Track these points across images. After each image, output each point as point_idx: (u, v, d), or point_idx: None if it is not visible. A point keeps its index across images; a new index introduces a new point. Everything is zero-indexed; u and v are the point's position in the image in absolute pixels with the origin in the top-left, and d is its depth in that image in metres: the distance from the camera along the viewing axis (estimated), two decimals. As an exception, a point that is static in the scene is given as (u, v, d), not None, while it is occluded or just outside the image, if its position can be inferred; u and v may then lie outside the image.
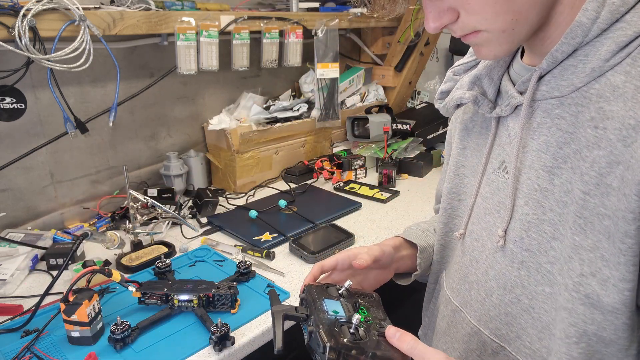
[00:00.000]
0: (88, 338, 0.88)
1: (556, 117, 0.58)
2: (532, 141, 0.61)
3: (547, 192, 0.59)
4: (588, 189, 0.54)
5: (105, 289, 1.05)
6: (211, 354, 0.87)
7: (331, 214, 1.42)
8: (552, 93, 0.58)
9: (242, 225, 1.36)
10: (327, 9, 1.75)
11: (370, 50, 2.06)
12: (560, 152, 0.58)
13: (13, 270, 1.11)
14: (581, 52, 0.55)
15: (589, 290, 0.55)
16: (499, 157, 0.68)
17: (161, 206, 1.31)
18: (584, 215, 0.54)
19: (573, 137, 0.56)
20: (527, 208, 0.61)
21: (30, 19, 1.04)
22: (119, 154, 1.49)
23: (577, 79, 0.55)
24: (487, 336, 0.69)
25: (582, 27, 0.54)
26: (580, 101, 0.56)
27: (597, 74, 0.54)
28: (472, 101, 0.68)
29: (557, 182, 0.58)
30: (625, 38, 0.52)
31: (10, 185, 1.28)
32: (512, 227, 0.63)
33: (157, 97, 1.53)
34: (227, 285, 0.98)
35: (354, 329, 0.59)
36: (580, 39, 0.54)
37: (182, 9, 1.37)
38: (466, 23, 0.57)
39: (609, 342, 0.56)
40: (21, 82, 1.12)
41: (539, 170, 0.60)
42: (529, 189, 0.61)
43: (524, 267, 0.63)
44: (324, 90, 1.77)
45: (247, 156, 1.62)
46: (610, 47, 0.53)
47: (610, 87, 0.53)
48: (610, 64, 0.53)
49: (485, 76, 0.68)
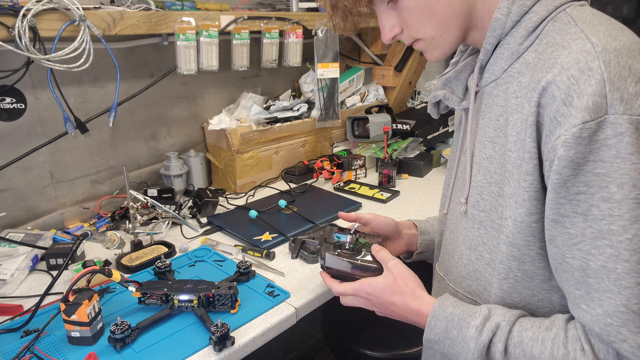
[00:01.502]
0: (88, 338, 0.88)
1: (494, 96, 0.72)
2: (482, 120, 0.74)
3: (491, 158, 0.71)
4: (510, 147, 0.67)
5: (105, 289, 1.05)
6: (211, 354, 0.87)
7: (331, 214, 1.42)
8: (490, 78, 0.72)
9: (242, 225, 1.36)
10: (327, 9, 1.75)
11: (370, 50, 2.06)
12: (497, 124, 0.70)
13: (13, 270, 1.11)
14: (504, 41, 0.69)
15: (507, 230, 0.68)
16: (465, 142, 0.80)
17: (161, 206, 1.31)
18: (507, 168, 0.67)
19: (505, 109, 0.69)
20: (479, 175, 0.74)
21: (30, 19, 1.04)
22: (119, 154, 1.49)
23: (504, 62, 0.70)
24: (462, 295, 0.81)
25: (498, 22, 0.68)
26: (507, 79, 0.70)
27: (516, 56, 0.68)
28: (442, 97, 0.83)
29: (497, 148, 0.70)
30: (532, 24, 0.66)
31: (10, 185, 1.28)
32: (470, 194, 0.76)
33: (157, 97, 1.53)
34: (227, 285, 0.98)
35: (348, 246, 0.92)
36: (499, 31, 0.69)
37: (182, 9, 1.37)
38: (408, 34, 0.75)
39: (531, 275, 0.69)
40: (21, 82, 1.12)
41: (484, 142, 0.73)
42: (479, 159, 0.74)
43: (482, 226, 0.74)
44: (324, 90, 1.77)
45: (247, 156, 1.62)
46: (522, 32, 0.67)
47: (525, 64, 0.67)
48: (524, 46, 0.67)
49: (454, 78, 0.83)
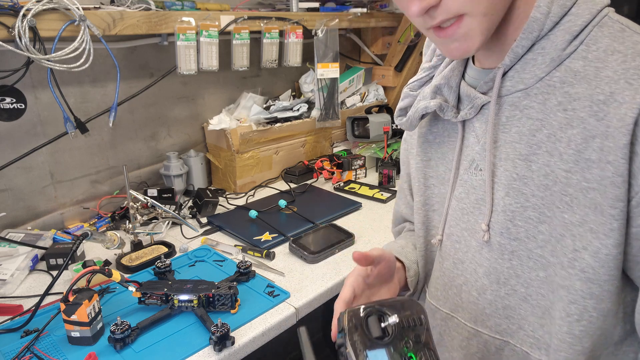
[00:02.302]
0: (88, 338, 0.88)
1: (524, 107, 0.62)
2: (503, 135, 0.64)
3: (526, 179, 0.61)
4: (569, 167, 0.57)
5: (105, 289, 1.05)
6: (211, 354, 0.87)
7: (331, 214, 1.42)
8: (516, 87, 0.62)
9: (242, 225, 1.36)
10: (327, 9, 1.75)
11: (370, 50, 2.06)
12: (533, 139, 0.60)
13: (13, 270, 1.11)
14: (538, 45, 0.60)
15: (584, 264, 0.57)
16: (467, 157, 0.69)
17: (161, 206, 1.31)
18: (568, 193, 0.58)
19: (544, 123, 0.60)
20: (509, 198, 0.63)
21: (30, 19, 1.04)
22: (119, 154, 1.49)
23: (539, 70, 0.60)
24: (487, 335, 0.69)
25: (537, 22, 0.58)
26: (545, 89, 0.60)
27: (556, 63, 0.59)
28: (437, 108, 0.70)
29: (535, 168, 0.60)
30: (577, 27, 0.57)
31: (10, 185, 1.28)
32: (495, 219, 0.65)
33: (157, 97, 1.53)
34: (227, 285, 0.98)
35: None
36: (537, 33, 0.59)
37: (182, 9, 1.37)
38: (449, 5, 0.56)
39: (606, 313, 0.59)
40: (21, 82, 1.12)
41: (515, 160, 0.62)
42: (508, 180, 0.63)
43: (515, 256, 0.64)
44: (324, 90, 1.77)
45: (247, 156, 1.62)
46: (565, 37, 0.58)
47: (572, 73, 0.58)
48: (567, 52, 0.58)
49: (444, 85, 0.71)
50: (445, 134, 0.74)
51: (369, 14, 1.83)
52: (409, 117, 0.75)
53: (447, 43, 0.60)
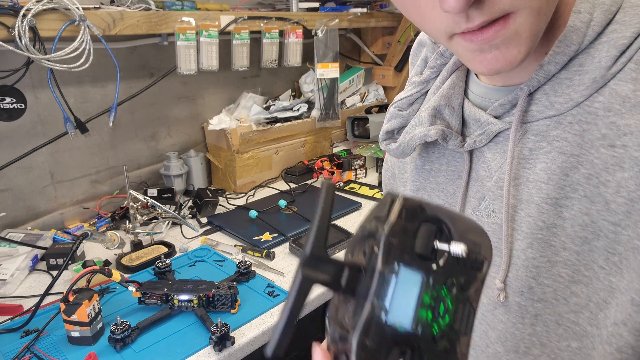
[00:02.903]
0: (88, 338, 0.88)
1: (554, 139, 0.49)
2: (526, 171, 0.51)
3: (555, 228, 0.49)
4: (618, 219, 0.45)
5: (105, 289, 1.05)
6: (211, 354, 0.87)
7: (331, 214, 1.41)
8: (545, 113, 0.49)
9: (242, 225, 1.36)
10: (327, 9, 1.75)
11: (370, 50, 2.06)
12: (567, 180, 0.48)
13: (13, 270, 1.11)
14: (575, 62, 0.47)
15: (622, 342, 0.46)
16: (476, 194, 0.57)
17: (161, 206, 1.31)
18: (617, 251, 0.45)
19: (581, 160, 0.47)
20: (532, 251, 0.51)
21: (30, 19, 1.04)
22: (119, 154, 1.49)
23: (576, 93, 0.47)
24: None
25: (577, 32, 0.45)
26: (583, 118, 0.47)
27: (599, 85, 0.46)
28: (440, 137, 0.56)
29: (568, 216, 0.48)
30: (625, 40, 0.44)
31: (10, 185, 1.28)
32: (514, 275, 0.52)
33: (157, 97, 1.53)
34: (227, 285, 0.98)
35: None
36: (576, 46, 0.46)
37: (182, 9, 1.37)
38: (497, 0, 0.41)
39: None
40: (21, 82, 1.12)
41: (540, 204, 0.49)
42: (531, 228, 0.50)
43: (540, 321, 0.52)
44: (324, 90, 1.77)
45: (247, 156, 1.62)
46: (610, 52, 0.45)
47: (619, 99, 0.45)
48: (613, 71, 0.45)
49: (445, 107, 0.58)
50: (444, 162, 0.61)
51: (369, 14, 1.83)
52: (400, 144, 0.61)
53: (482, 51, 0.44)
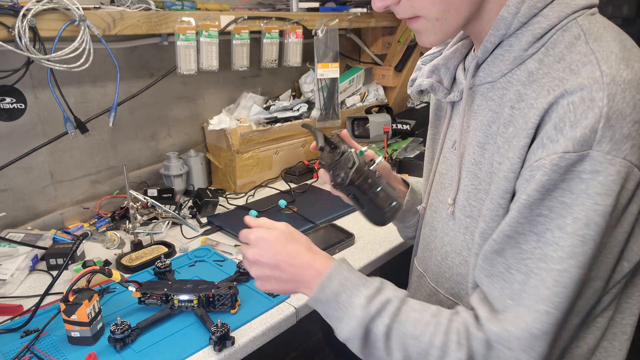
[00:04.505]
0: (88, 338, 0.88)
1: (489, 99, 0.67)
2: (473, 121, 0.70)
3: (480, 164, 0.67)
4: (501, 160, 0.62)
5: (105, 289, 1.05)
6: (211, 354, 0.87)
7: (331, 214, 1.42)
8: (486, 78, 0.67)
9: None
10: (327, 9, 1.75)
11: (370, 50, 2.06)
12: (489, 130, 0.66)
13: (13, 270, 1.11)
14: (507, 42, 0.63)
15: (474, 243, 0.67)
16: (452, 137, 0.77)
17: (161, 206, 1.31)
18: (494, 181, 0.63)
19: (498, 116, 0.65)
20: (467, 180, 0.70)
21: (30, 19, 1.04)
22: (119, 154, 1.49)
23: (504, 66, 0.64)
24: (443, 295, 0.79)
25: (504, 21, 0.62)
26: (505, 85, 0.64)
27: (518, 62, 0.63)
28: (429, 88, 0.77)
29: (487, 156, 0.66)
30: (540, 30, 0.60)
31: (10, 185, 1.28)
32: (458, 197, 0.72)
33: (157, 97, 1.53)
34: (227, 285, 0.98)
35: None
36: (503, 31, 0.62)
37: (182, 9, 1.37)
38: (406, 7, 0.65)
39: None
40: (21, 82, 1.12)
41: (474, 146, 0.68)
42: (469, 163, 0.70)
43: (468, 231, 0.71)
44: (324, 90, 1.77)
45: (247, 156, 1.62)
46: (528, 38, 0.61)
47: (527, 73, 0.61)
48: (529, 53, 0.61)
49: (442, 66, 0.76)
50: (442, 114, 0.82)
51: (369, 14, 1.83)
52: (411, 91, 0.83)
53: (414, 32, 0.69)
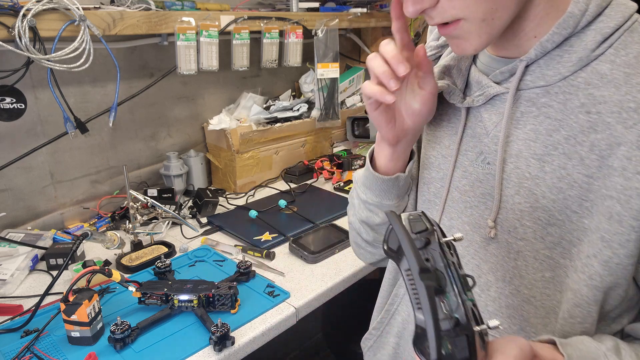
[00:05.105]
0: (88, 338, 0.88)
1: (542, 105, 0.59)
2: (517, 130, 0.61)
3: (538, 179, 0.59)
4: (591, 172, 0.55)
5: (105, 289, 1.05)
6: (211, 354, 0.87)
7: (331, 214, 1.42)
8: (536, 82, 0.60)
9: (242, 225, 1.36)
10: (327, 9, 1.75)
11: (370, 50, 2.06)
12: (550, 140, 0.58)
13: (13, 270, 1.11)
14: (567, 42, 0.58)
15: (592, 271, 0.56)
16: (474, 148, 0.67)
17: (161, 206, 1.31)
18: (589, 198, 0.56)
19: (563, 123, 0.58)
20: (519, 197, 0.61)
21: (30, 19, 1.04)
22: (119, 154, 1.49)
23: (564, 68, 0.57)
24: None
25: (573, 18, 0.56)
26: (567, 89, 0.58)
27: (583, 64, 0.57)
28: (445, 91, 0.68)
29: (549, 169, 0.59)
30: (609, 30, 0.56)
31: (10, 185, 1.28)
32: (503, 217, 0.63)
33: (157, 97, 1.53)
34: (227, 285, 0.98)
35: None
36: (571, 29, 0.57)
37: (182, 9, 1.37)
38: (445, 9, 0.56)
39: (604, 316, 0.60)
40: (21, 82, 1.12)
41: (528, 158, 0.60)
42: (519, 178, 0.61)
43: (521, 256, 0.62)
44: (324, 90, 1.77)
45: (247, 156, 1.62)
46: (596, 37, 0.56)
47: (598, 75, 0.56)
48: (596, 54, 0.56)
49: (454, 67, 0.69)
50: (445, 118, 0.71)
51: (369, 14, 1.83)
52: None
53: (448, 38, 0.61)
